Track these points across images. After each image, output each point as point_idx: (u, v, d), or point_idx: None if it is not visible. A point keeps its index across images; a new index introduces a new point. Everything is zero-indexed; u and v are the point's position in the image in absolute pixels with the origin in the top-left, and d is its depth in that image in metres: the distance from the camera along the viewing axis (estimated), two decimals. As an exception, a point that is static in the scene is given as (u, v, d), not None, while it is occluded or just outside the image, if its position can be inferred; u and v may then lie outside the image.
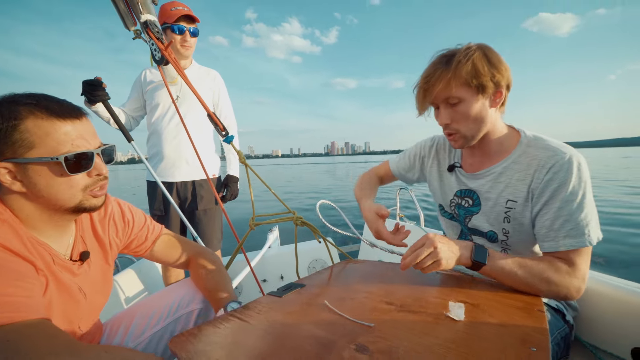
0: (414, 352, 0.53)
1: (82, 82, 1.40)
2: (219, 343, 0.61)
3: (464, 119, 0.84)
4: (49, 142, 0.61)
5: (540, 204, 0.80)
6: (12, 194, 0.63)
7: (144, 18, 1.29)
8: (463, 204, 0.97)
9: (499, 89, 0.81)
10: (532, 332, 0.57)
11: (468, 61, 0.78)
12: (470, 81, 0.79)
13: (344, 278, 0.94)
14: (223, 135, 1.32)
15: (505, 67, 0.81)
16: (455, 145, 0.90)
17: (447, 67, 0.80)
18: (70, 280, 0.71)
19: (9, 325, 0.50)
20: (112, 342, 0.86)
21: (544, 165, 0.79)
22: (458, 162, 1.01)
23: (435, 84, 0.82)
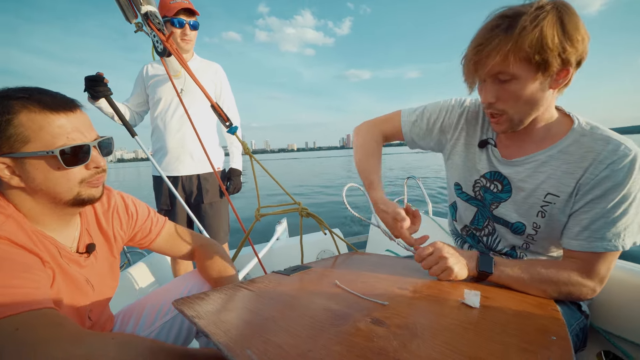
0: (432, 329, 0.51)
1: (84, 78, 1.39)
2: (227, 306, 0.60)
3: (513, 100, 0.70)
4: (43, 136, 0.60)
5: (584, 200, 0.71)
6: (13, 189, 0.63)
7: (144, 9, 1.28)
8: (492, 188, 0.86)
9: (566, 67, 0.66)
10: (549, 324, 0.56)
11: (535, 28, 0.62)
12: (532, 56, 0.63)
13: (352, 265, 0.93)
14: (227, 126, 1.31)
15: (583, 36, 0.64)
16: (497, 128, 0.77)
17: (507, 35, 0.64)
18: (77, 272, 0.72)
19: (18, 316, 0.50)
20: (123, 332, 0.87)
21: (602, 160, 0.68)
22: (492, 138, 0.86)
23: (491, 55, 0.66)
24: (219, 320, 0.52)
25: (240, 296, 0.65)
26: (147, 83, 1.74)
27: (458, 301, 0.62)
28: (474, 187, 0.91)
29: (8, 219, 0.61)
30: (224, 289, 0.70)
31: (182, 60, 1.26)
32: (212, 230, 1.77)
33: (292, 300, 0.63)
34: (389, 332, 0.49)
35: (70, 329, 0.53)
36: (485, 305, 0.61)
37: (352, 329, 0.50)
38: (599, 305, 0.98)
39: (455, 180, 0.96)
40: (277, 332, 0.49)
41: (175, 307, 0.59)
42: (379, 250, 2.15)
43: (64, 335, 0.51)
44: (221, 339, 0.46)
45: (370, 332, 0.49)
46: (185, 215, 1.78)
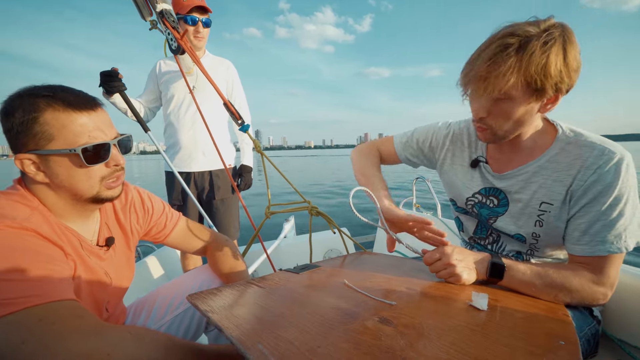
0: (439, 330, 0.51)
1: (99, 74, 1.42)
2: (239, 302, 0.62)
3: (503, 118, 0.72)
4: (66, 134, 0.62)
5: (579, 206, 0.73)
6: (38, 184, 0.66)
7: (159, 7, 1.30)
8: (487, 203, 0.88)
9: (557, 94, 0.68)
10: (558, 328, 0.55)
11: (544, 54, 0.63)
12: (533, 81, 0.64)
13: (360, 265, 0.93)
14: (239, 124, 1.32)
15: (578, 65, 0.66)
16: (482, 137, 0.80)
17: (518, 57, 0.63)
18: (97, 264, 0.74)
19: (42, 306, 0.52)
20: (135, 324, 0.90)
21: (589, 166, 0.71)
22: (483, 155, 0.90)
23: (502, 76, 0.65)
24: (231, 315, 0.54)
25: (252, 292, 0.66)
26: (160, 80, 1.76)
27: (466, 303, 0.62)
28: (466, 204, 0.94)
29: (34, 212, 0.63)
30: (236, 285, 0.71)
31: (195, 58, 1.28)
32: (222, 226, 1.79)
33: (301, 297, 0.64)
34: (396, 331, 0.50)
35: (90, 322, 0.54)
36: (493, 308, 0.61)
37: (360, 327, 0.51)
38: (612, 313, 0.96)
39: (450, 197, 1.01)
40: (288, 328, 0.50)
41: (189, 301, 0.61)
42: (387, 250, 2.15)
43: (85, 328, 0.53)
44: (234, 333, 0.47)
45: (377, 330, 0.50)
46: (196, 210, 1.80)
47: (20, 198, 0.64)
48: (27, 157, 0.62)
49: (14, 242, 0.56)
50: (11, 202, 0.62)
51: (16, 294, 0.51)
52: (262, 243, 1.32)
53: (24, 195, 0.65)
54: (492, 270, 0.73)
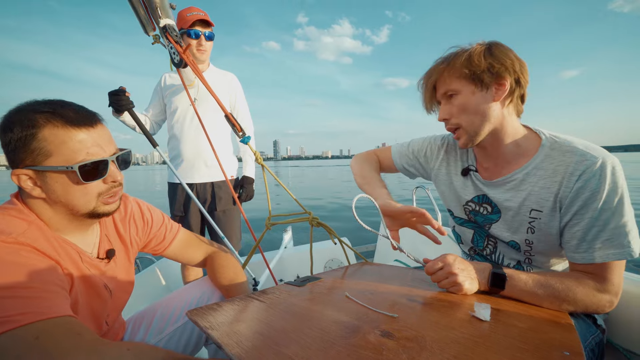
0: (441, 342, 0.51)
1: (108, 94, 1.43)
2: (239, 317, 0.61)
3: (461, 112, 0.80)
4: (64, 151, 0.62)
5: (570, 213, 0.73)
6: (34, 199, 0.65)
7: (162, 22, 1.32)
8: (481, 211, 0.91)
9: (500, 81, 0.76)
10: (562, 338, 0.54)
11: (465, 52, 0.77)
12: (462, 71, 0.77)
13: (362, 276, 0.93)
14: (240, 135, 1.33)
15: (512, 59, 0.76)
16: (460, 143, 0.85)
17: (444, 62, 0.80)
18: (97, 277, 0.73)
19: (39, 323, 0.51)
20: (134, 338, 0.89)
21: (572, 172, 0.72)
22: (473, 165, 0.93)
23: (432, 77, 0.82)
24: (231, 332, 0.53)
25: (252, 307, 0.66)
26: (165, 93, 1.79)
27: (468, 314, 0.62)
28: (465, 211, 0.95)
29: (31, 226, 0.63)
30: (236, 299, 0.71)
31: (197, 70, 1.30)
32: (225, 237, 1.79)
33: (302, 311, 0.63)
34: (398, 345, 0.50)
35: (88, 339, 0.53)
36: (495, 319, 0.60)
37: (362, 341, 0.51)
38: (617, 322, 0.95)
39: (447, 207, 1.03)
40: (289, 344, 0.49)
41: (189, 317, 0.61)
42: (387, 260, 2.14)
43: (83, 345, 0.52)
44: (234, 350, 0.47)
45: (379, 344, 0.49)
46: (198, 222, 1.81)
47: (17, 212, 0.64)
48: (24, 173, 0.62)
49: (9, 257, 0.55)
50: (7, 217, 0.62)
51: (11, 311, 0.50)
52: (262, 254, 1.32)
53: (20, 209, 0.64)
54: (493, 280, 0.73)
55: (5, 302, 0.51)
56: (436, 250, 1.94)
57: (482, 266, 0.75)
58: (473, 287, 0.73)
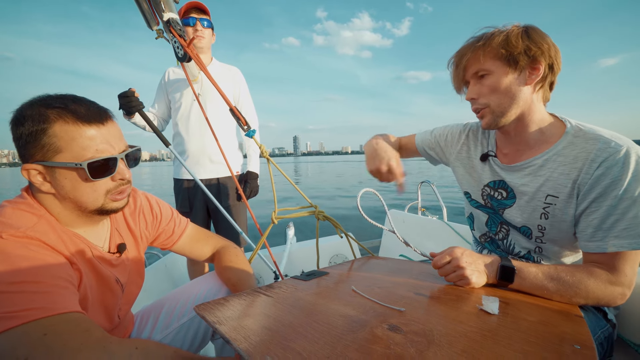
0: (450, 336, 0.50)
1: (117, 96, 1.42)
2: (247, 312, 0.61)
3: (491, 92, 0.78)
4: (74, 147, 0.62)
5: (587, 200, 0.72)
6: (44, 194, 0.65)
7: (166, 16, 1.31)
8: (496, 196, 0.91)
9: (535, 65, 0.75)
10: (572, 332, 0.54)
11: (502, 33, 0.75)
12: (499, 52, 0.75)
13: (368, 270, 0.93)
14: (245, 129, 1.33)
15: (549, 44, 0.74)
16: (483, 122, 0.83)
17: (480, 41, 0.78)
18: (108, 271, 0.74)
19: (47, 319, 0.51)
20: (142, 332, 0.90)
21: (594, 159, 0.71)
22: (492, 150, 0.93)
23: (465, 56, 0.80)
24: (239, 326, 0.53)
25: (259, 302, 0.66)
26: (169, 88, 1.78)
27: (476, 307, 0.61)
28: (482, 194, 0.96)
29: (40, 220, 0.63)
30: (243, 294, 0.71)
31: (201, 64, 1.29)
32: (229, 233, 1.79)
33: (309, 306, 0.63)
34: (406, 339, 0.49)
35: (96, 336, 0.53)
36: (504, 312, 0.60)
37: (369, 335, 0.50)
38: (629, 316, 0.94)
39: (464, 190, 1.03)
40: (296, 338, 0.49)
41: (196, 312, 0.61)
42: (393, 255, 2.13)
43: (91, 343, 0.52)
44: (242, 345, 0.47)
45: (387, 338, 0.49)
46: (203, 217, 1.81)
47: (27, 207, 0.64)
48: (33, 168, 0.62)
49: (19, 251, 0.55)
50: (17, 211, 0.62)
51: (20, 306, 0.50)
52: (269, 249, 1.32)
53: (30, 204, 0.65)
54: (502, 273, 0.72)
55: (13, 297, 0.51)
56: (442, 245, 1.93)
57: (491, 259, 0.75)
58: (481, 280, 0.73)
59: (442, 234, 1.98)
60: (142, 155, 4.52)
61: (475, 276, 0.72)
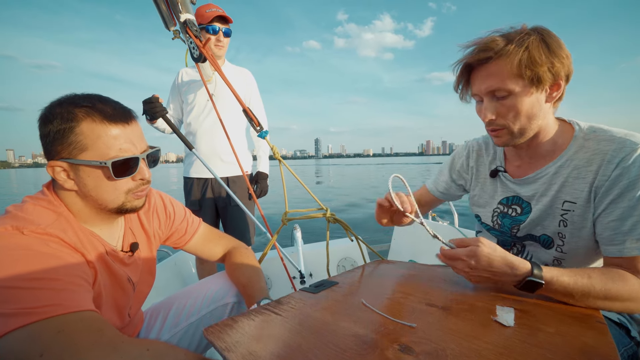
0: (463, 356, 0.49)
1: (142, 102, 1.44)
2: (255, 335, 0.60)
3: (512, 114, 0.72)
4: (99, 146, 0.63)
5: (605, 202, 0.70)
6: (66, 191, 0.67)
7: (183, 17, 1.33)
8: (510, 213, 0.87)
9: (557, 81, 0.70)
10: (595, 345, 0.51)
11: (522, 47, 0.67)
12: (523, 72, 0.68)
13: (378, 277, 0.91)
14: (258, 130, 1.33)
15: (567, 54, 0.69)
16: (498, 141, 0.78)
17: (499, 57, 0.69)
18: (121, 270, 0.74)
19: (62, 317, 0.52)
20: (151, 330, 0.90)
21: (610, 160, 0.68)
22: (501, 165, 0.89)
23: (485, 77, 0.71)
24: (247, 353, 0.52)
25: (268, 322, 0.65)
26: (182, 89, 1.80)
27: (490, 319, 0.59)
28: (492, 216, 0.92)
29: (59, 218, 0.64)
30: (252, 314, 0.70)
31: (216, 65, 1.30)
32: (238, 233, 1.80)
33: (318, 324, 0.62)
34: None
35: (109, 335, 0.54)
36: (520, 323, 0.58)
37: (380, 358, 0.49)
38: None
39: (475, 212, 1.00)
40: None
41: (205, 337, 0.60)
42: (402, 259, 2.11)
43: (103, 342, 0.52)
44: None
45: None
46: (212, 216, 1.82)
47: (47, 204, 0.65)
48: (58, 165, 0.63)
49: (38, 248, 0.56)
50: (38, 208, 0.63)
51: (37, 303, 0.51)
52: (278, 251, 1.31)
53: (50, 201, 0.66)
54: (525, 286, 0.65)
55: (31, 293, 0.51)
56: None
57: (517, 271, 0.64)
58: (482, 283, 0.70)
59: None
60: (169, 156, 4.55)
61: (479, 271, 0.66)
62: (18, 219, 0.59)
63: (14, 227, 0.56)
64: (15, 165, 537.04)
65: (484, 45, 0.70)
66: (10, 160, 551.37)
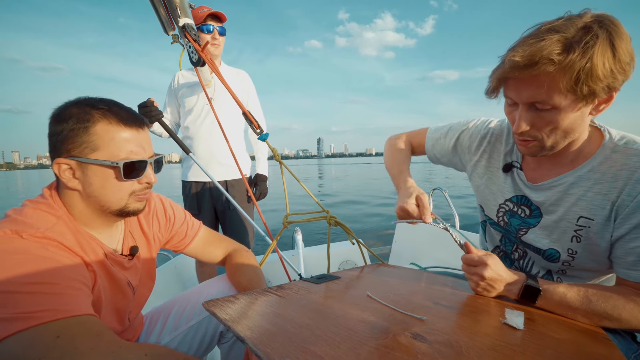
0: (477, 349, 0.47)
1: (137, 107, 1.43)
2: (259, 311, 0.59)
3: (550, 129, 0.64)
4: (111, 147, 0.65)
5: (629, 225, 0.64)
6: (68, 190, 0.67)
7: (182, 22, 1.33)
8: (519, 212, 0.81)
9: (610, 93, 0.60)
10: (604, 353, 0.51)
11: (584, 57, 0.55)
12: (579, 87, 0.57)
13: (380, 277, 0.90)
14: (258, 132, 1.33)
15: (632, 56, 0.58)
16: (525, 151, 0.71)
17: (554, 64, 0.56)
18: (120, 274, 0.73)
19: (61, 321, 0.51)
20: (151, 334, 0.89)
21: (638, 179, 0.62)
22: (518, 162, 0.82)
23: (524, 80, 0.61)
24: (252, 325, 0.51)
25: (270, 301, 0.64)
26: (178, 93, 1.80)
27: (499, 320, 0.59)
28: (497, 211, 0.87)
29: (59, 221, 0.63)
30: (253, 293, 0.69)
31: (215, 69, 1.30)
32: (237, 236, 1.79)
33: (324, 309, 0.61)
34: (432, 349, 0.47)
35: (107, 340, 0.53)
36: (529, 327, 0.57)
37: (393, 343, 0.48)
38: None
39: (479, 202, 0.94)
40: (316, 342, 0.47)
41: (206, 308, 0.59)
42: (403, 263, 2.10)
43: (102, 347, 0.51)
44: (259, 345, 0.45)
45: (412, 347, 0.47)
46: (211, 219, 1.81)
47: (47, 207, 0.65)
48: (66, 162, 0.64)
49: (37, 252, 0.55)
50: (37, 212, 0.63)
51: (35, 308, 0.50)
52: (279, 254, 1.30)
53: (51, 204, 0.65)
54: (524, 293, 0.67)
55: (29, 298, 0.51)
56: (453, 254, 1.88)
57: (516, 278, 0.68)
58: (488, 295, 0.71)
59: (453, 243, 1.94)
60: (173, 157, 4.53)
61: (484, 286, 0.69)
62: (17, 223, 0.58)
63: (13, 231, 0.56)
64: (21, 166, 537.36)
65: (537, 52, 0.57)
66: (15, 161, 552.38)
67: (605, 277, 0.79)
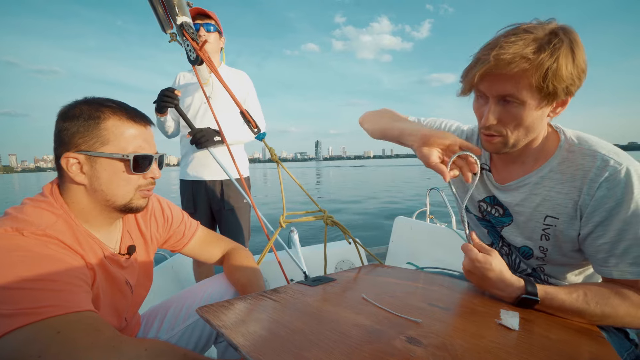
0: (473, 352, 0.48)
1: (161, 90, 1.44)
2: (253, 316, 0.59)
3: (514, 124, 0.68)
4: (120, 141, 0.67)
5: (592, 224, 0.67)
6: (72, 186, 0.68)
7: (180, 20, 1.33)
8: (493, 212, 0.84)
9: (567, 97, 0.65)
10: (599, 352, 0.51)
11: (552, 57, 0.60)
12: (545, 85, 0.61)
13: (376, 278, 0.90)
14: (255, 132, 1.33)
15: (586, 65, 0.64)
16: (489, 147, 0.74)
17: (529, 62, 0.60)
18: (119, 273, 0.74)
19: (60, 317, 0.52)
20: (147, 333, 0.89)
21: (593, 179, 0.66)
22: (486, 164, 0.85)
23: (496, 74, 0.63)
24: (246, 332, 0.51)
25: (265, 306, 0.64)
26: None
27: (494, 321, 0.59)
28: (479, 208, 0.89)
29: (59, 219, 0.64)
30: (248, 297, 0.69)
31: (213, 67, 1.30)
32: (232, 236, 1.79)
33: (318, 312, 0.61)
34: (427, 352, 0.47)
35: (107, 335, 0.54)
36: (524, 328, 0.57)
37: (388, 347, 0.48)
38: None
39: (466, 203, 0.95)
40: (309, 347, 0.47)
41: (199, 315, 0.59)
42: (399, 262, 2.11)
43: (102, 343, 0.52)
44: (251, 352, 0.45)
45: (407, 351, 0.47)
46: (207, 218, 1.81)
47: (47, 205, 0.65)
48: (74, 157, 0.65)
49: (38, 249, 0.56)
50: (38, 210, 0.63)
51: (35, 304, 0.51)
52: (275, 253, 1.31)
53: (51, 202, 0.66)
54: (520, 303, 0.67)
55: (30, 294, 0.51)
56: (451, 253, 1.89)
57: (515, 285, 0.66)
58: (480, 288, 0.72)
59: (450, 242, 1.95)
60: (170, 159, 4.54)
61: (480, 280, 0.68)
62: (18, 221, 0.59)
63: (14, 229, 0.56)
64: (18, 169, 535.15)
65: (519, 50, 0.61)
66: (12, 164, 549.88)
67: (585, 269, 0.80)
